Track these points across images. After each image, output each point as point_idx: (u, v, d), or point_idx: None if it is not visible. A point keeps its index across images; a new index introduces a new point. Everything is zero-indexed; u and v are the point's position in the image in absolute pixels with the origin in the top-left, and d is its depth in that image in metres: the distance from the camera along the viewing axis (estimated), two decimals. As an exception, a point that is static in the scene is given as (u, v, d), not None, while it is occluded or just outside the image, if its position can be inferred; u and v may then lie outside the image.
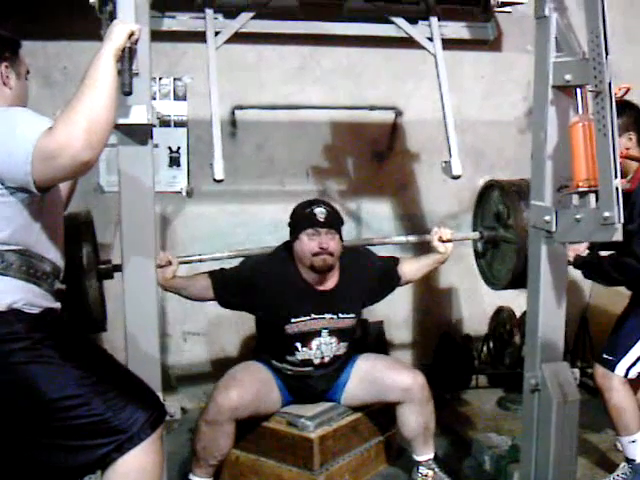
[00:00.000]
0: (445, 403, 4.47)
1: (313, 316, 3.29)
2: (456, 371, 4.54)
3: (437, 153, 4.07)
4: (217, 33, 3.12)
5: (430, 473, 3.38)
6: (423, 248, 4.08)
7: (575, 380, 2.75)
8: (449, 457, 3.73)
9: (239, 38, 3.26)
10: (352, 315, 3.38)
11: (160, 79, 4.28)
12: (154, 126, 2.40)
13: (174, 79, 4.33)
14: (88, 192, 4.05)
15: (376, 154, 4.63)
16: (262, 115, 4.40)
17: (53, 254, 2.23)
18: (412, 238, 3.71)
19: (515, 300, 4.66)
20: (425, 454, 3.39)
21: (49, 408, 2.04)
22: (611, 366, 3.31)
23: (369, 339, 4.42)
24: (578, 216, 2.43)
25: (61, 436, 2.07)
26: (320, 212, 3.22)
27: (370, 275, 3.45)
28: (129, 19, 2.26)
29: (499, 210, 3.34)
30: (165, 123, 4.29)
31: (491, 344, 4.71)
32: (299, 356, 3.31)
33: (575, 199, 2.47)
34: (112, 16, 2.39)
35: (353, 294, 3.38)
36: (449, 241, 3.47)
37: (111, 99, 2.01)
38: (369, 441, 3.61)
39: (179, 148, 4.32)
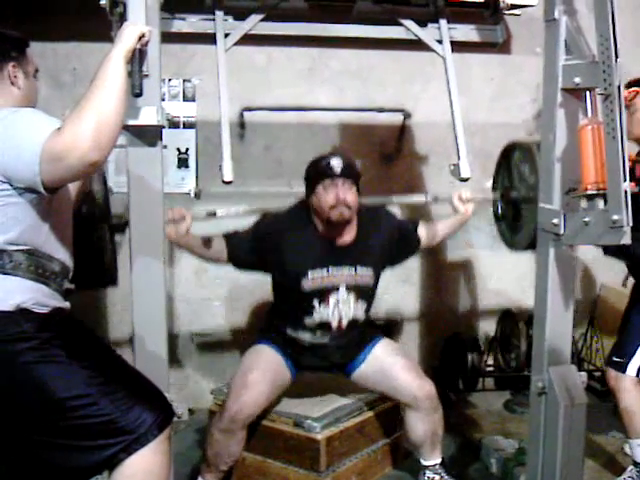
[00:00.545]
0: (452, 405, 4.47)
1: (331, 269, 3.20)
2: (463, 373, 4.53)
3: (445, 155, 4.07)
4: (227, 35, 3.13)
5: (437, 478, 3.36)
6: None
7: (582, 383, 2.75)
8: (456, 459, 3.73)
9: (248, 40, 3.27)
10: (370, 271, 3.28)
11: (169, 80, 4.30)
12: (163, 127, 2.41)
13: (183, 80, 4.34)
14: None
15: (384, 156, 4.63)
16: (270, 116, 4.41)
17: (62, 254, 2.24)
18: (431, 198, 3.61)
19: (522, 302, 4.67)
20: (432, 459, 3.38)
21: (57, 408, 2.05)
22: (622, 368, 3.31)
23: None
24: (586, 219, 2.42)
25: (68, 436, 2.08)
26: (336, 163, 3.13)
27: (389, 234, 3.37)
28: (139, 21, 2.26)
29: (521, 170, 3.24)
30: (174, 124, 4.30)
31: (498, 346, 4.71)
32: (316, 316, 3.21)
33: (583, 202, 2.47)
34: (122, 17, 2.41)
35: (371, 249, 3.29)
36: (469, 201, 3.40)
37: (120, 100, 2.01)
38: (376, 443, 3.62)
39: (188, 149, 4.33)
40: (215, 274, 4.53)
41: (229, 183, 2.99)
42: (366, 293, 3.31)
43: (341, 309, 3.24)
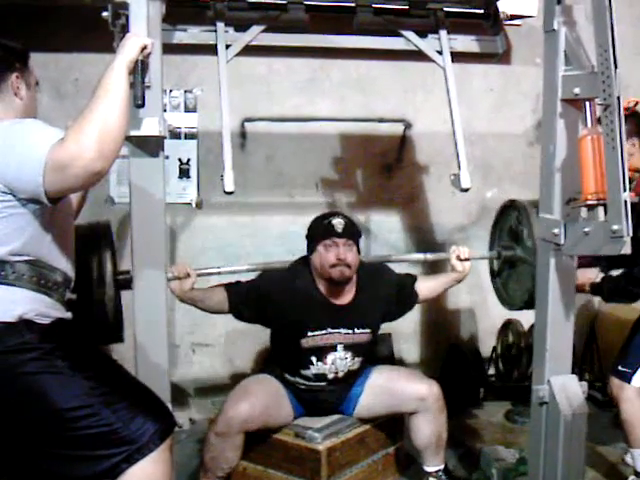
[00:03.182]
0: (453, 415, 4.46)
1: (329, 330, 3.27)
2: (464, 384, 4.53)
3: (446, 165, 4.08)
4: (228, 46, 3.13)
5: None
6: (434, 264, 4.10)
7: (583, 393, 2.75)
8: (457, 470, 3.72)
9: (249, 50, 3.27)
10: (368, 330, 3.35)
11: (171, 91, 4.30)
12: (165, 138, 2.42)
13: (185, 91, 4.35)
14: (99, 203, 4.07)
15: (385, 166, 4.64)
16: (271, 127, 4.42)
17: (64, 264, 2.24)
18: (430, 256, 3.68)
19: (523, 313, 4.66)
20: (435, 465, 3.38)
21: (59, 418, 2.05)
22: (627, 378, 3.31)
23: (378, 353, 4.42)
24: (587, 229, 2.43)
25: (71, 446, 2.08)
26: (338, 223, 3.20)
27: (387, 291, 3.42)
28: (141, 32, 2.28)
29: (518, 230, 3.31)
30: (175, 135, 4.31)
31: (499, 357, 4.71)
32: (313, 370, 3.30)
33: (584, 212, 2.48)
34: (124, 29, 2.42)
35: (370, 309, 3.35)
36: (467, 260, 3.42)
37: (123, 110, 2.02)
38: (377, 453, 3.60)
39: (189, 160, 4.34)
40: (216, 284, 4.53)
41: (230, 193, 3.00)
42: (363, 350, 3.38)
43: (338, 365, 3.32)
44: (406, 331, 4.75)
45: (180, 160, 4.33)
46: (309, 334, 3.25)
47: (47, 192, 1.97)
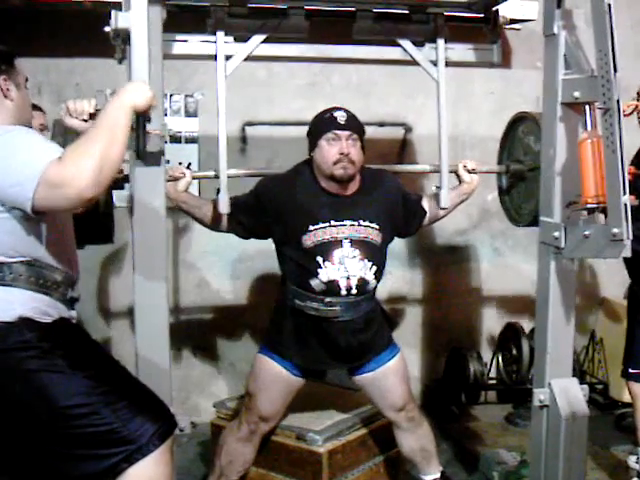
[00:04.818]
0: (454, 418, 4.47)
1: (332, 223, 3.03)
2: (465, 386, 4.53)
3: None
4: (228, 57, 3.08)
5: None
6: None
7: (584, 396, 2.75)
8: (457, 473, 3.73)
9: (250, 57, 3.27)
10: (375, 226, 3.08)
11: (171, 96, 4.32)
12: (166, 142, 2.43)
13: (185, 96, 4.36)
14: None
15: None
16: (272, 131, 4.43)
17: (65, 263, 2.25)
18: (433, 167, 3.45)
19: (524, 316, 4.68)
20: (430, 474, 3.35)
21: (58, 416, 2.06)
22: None
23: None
24: (587, 232, 2.44)
25: (70, 445, 2.09)
26: (341, 115, 3.03)
27: (393, 194, 3.24)
28: (142, 42, 2.30)
29: (527, 141, 3.24)
30: (176, 139, 4.32)
31: (500, 359, 4.72)
32: (323, 276, 3.01)
33: (584, 215, 2.48)
34: (125, 41, 2.43)
35: (375, 203, 3.13)
36: (474, 171, 3.32)
37: (124, 146, 2.04)
38: (378, 456, 3.60)
39: (190, 164, 4.34)
40: (217, 287, 4.54)
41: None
42: (372, 251, 3.09)
43: (347, 266, 3.03)
44: (407, 334, 4.75)
45: (181, 164, 4.33)
46: (311, 228, 3.02)
47: (34, 207, 1.96)
